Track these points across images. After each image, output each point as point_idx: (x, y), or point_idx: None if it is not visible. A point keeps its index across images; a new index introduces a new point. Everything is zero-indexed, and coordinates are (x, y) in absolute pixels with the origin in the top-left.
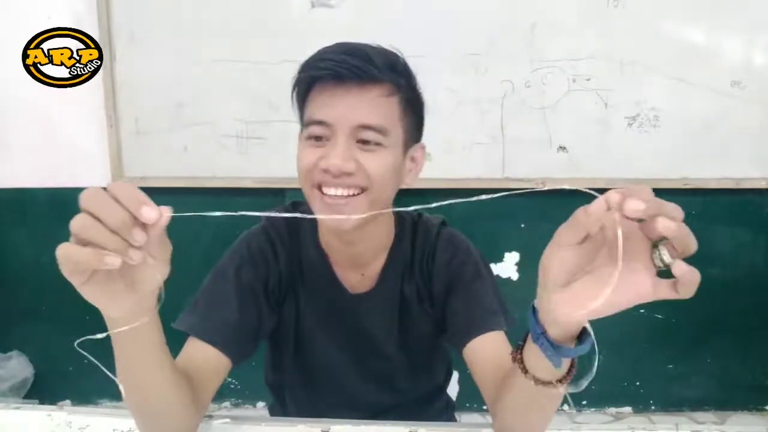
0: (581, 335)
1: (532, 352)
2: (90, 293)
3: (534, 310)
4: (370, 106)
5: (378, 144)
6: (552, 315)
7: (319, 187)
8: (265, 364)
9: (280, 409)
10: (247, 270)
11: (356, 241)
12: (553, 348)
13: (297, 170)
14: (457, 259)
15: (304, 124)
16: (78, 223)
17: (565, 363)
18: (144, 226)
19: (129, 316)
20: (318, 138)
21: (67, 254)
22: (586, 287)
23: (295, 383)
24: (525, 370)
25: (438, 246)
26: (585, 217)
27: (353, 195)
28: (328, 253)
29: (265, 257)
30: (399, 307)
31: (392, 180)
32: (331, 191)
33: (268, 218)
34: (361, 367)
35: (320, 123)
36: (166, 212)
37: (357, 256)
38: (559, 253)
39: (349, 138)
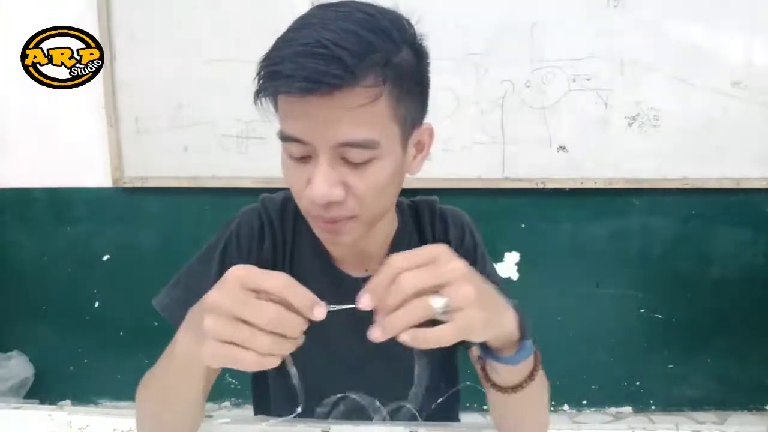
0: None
1: (490, 365)
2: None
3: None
4: (349, 118)
5: (368, 160)
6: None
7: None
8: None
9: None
10: (232, 251)
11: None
12: (499, 360)
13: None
14: (467, 240)
15: (279, 136)
16: (240, 335)
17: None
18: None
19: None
20: (300, 158)
21: (241, 360)
22: None
23: (280, 400)
24: (489, 381)
25: (448, 223)
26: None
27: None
28: (328, 249)
29: (249, 243)
30: None
31: (392, 187)
32: (324, 217)
33: (263, 199)
34: (364, 371)
35: (296, 141)
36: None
37: (361, 252)
38: None
39: (333, 157)
